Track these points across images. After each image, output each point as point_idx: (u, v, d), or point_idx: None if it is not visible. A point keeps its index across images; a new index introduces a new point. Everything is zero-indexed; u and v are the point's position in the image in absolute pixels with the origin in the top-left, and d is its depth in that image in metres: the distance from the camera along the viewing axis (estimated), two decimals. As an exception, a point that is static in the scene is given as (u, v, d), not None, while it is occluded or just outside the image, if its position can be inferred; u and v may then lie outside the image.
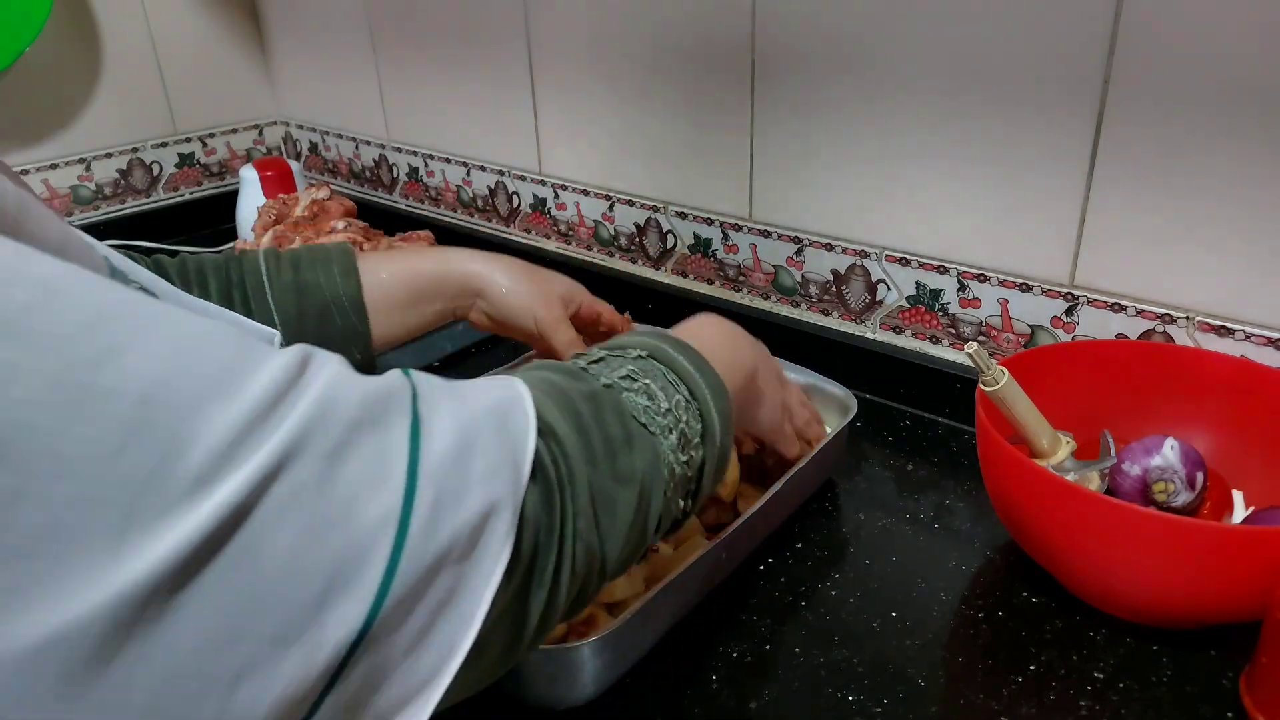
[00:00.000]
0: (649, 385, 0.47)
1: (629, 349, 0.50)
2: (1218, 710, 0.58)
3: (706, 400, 0.50)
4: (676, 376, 0.49)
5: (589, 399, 0.44)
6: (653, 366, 0.49)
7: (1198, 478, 0.67)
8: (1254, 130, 0.70)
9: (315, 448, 0.30)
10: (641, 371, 0.48)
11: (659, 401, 0.47)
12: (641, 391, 0.47)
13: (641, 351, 0.50)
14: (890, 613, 0.67)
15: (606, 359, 0.49)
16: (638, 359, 0.49)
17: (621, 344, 0.51)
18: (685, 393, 0.49)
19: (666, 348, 0.51)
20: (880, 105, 0.88)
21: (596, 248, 1.23)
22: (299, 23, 1.51)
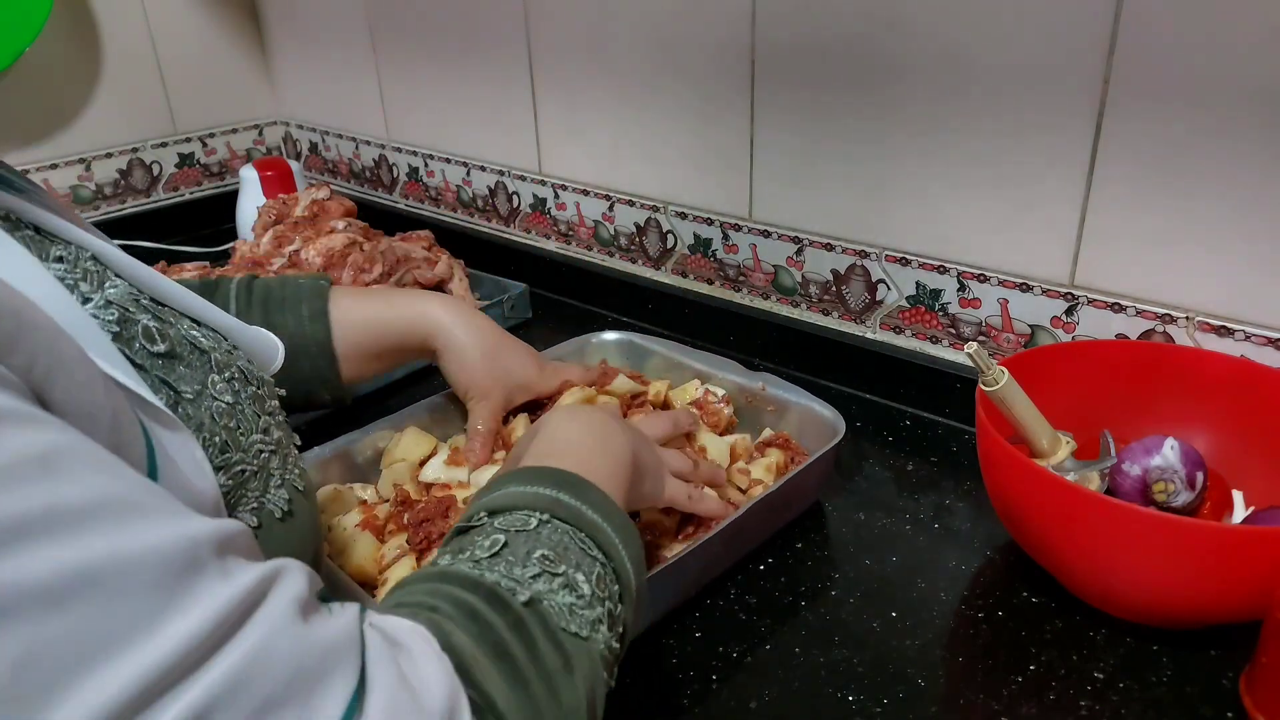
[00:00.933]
0: (569, 575, 0.43)
1: (525, 513, 0.46)
2: (1218, 710, 0.58)
3: (619, 553, 0.47)
4: (586, 537, 0.45)
5: (517, 629, 0.39)
6: (561, 536, 0.45)
7: (1198, 478, 0.67)
8: (1254, 130, 0.70)
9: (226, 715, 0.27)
10: (555, 553, 0.44)
11: (582, 591, 0.43)
12: (564, 587, 0.42)
13: (542, 515, 0.45)
14: (890, 613, 0.67)
15: (509, 542, 0.44)
16: (541, 528, 0.45)
17: (513, 503, 0.46)
18: (600, 555, 0.45)
19: (565, 499, 0.47)
20: (880, 105, 0.88)
21: (596, 248, 1.23)
22: (299, 23, 1.51)
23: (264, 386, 0.52)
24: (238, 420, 0.47)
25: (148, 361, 0.44)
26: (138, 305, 0.45)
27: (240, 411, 0.47)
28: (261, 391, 0.51)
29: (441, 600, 0.40)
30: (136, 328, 0.44)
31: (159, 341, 0.44)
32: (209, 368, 0.47)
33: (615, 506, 0.49)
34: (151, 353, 0.44)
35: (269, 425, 0.50)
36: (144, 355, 0.43)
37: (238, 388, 0.48)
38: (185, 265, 1.13)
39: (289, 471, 0.51)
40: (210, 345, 0.48)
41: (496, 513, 0.46)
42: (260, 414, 0.49)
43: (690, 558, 0.64)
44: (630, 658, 0.64)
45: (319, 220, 1.17)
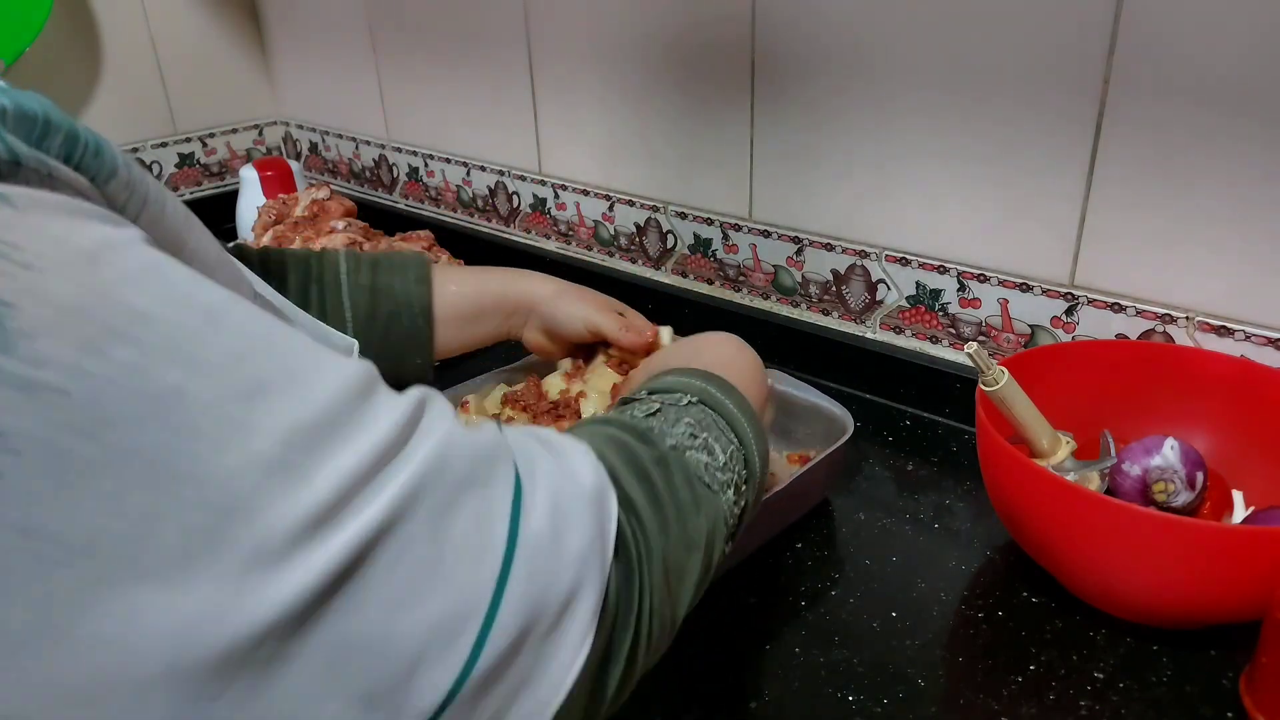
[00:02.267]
0: (708, 441, 0.48)
1: (679, 394, 0.51)
2: (1218, 710, 0.58)
3: (751, 445, 0.51)
4: (727, 424, 0.50)
5: (660, 464, 0.44)
6: (705, 415, 0.50)
7: (1198, 478, 0.67)
8: (1254, 130, 0.70)
9: (427, 503, 0.31)
10: (698, 424, 0.49)
11: (718, 457, 0.48)
12: (702, 448, 0.48)
13: (692, 397, 0.51)
14: (890, 613, 0.67)
15: (663, 409, 0.49)
16: (690, 406, 0.50)
17: (669, 386, 0.52)
18: (735, 441, 0.50)
19: (713, 391, 0.52)
20: (880, 105, 0.88)
21: (596, 248, 1.23)
22: (299, 23, 1.51)
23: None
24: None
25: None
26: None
27: None
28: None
29: (600, 435, 0.45)
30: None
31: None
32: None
33: (752, 410, 0.53)
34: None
35: None
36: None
37: None
38: (185, 265, 1.13)
39: None
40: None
41: (656, 392, 0.51)
42: None
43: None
44: (630, 658, 0.64)
45: (319, 220, 1.17)
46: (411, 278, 0.74)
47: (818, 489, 0.78)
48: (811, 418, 0.81)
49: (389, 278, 0.74)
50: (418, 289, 0.74)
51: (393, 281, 0.74)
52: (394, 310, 0.73)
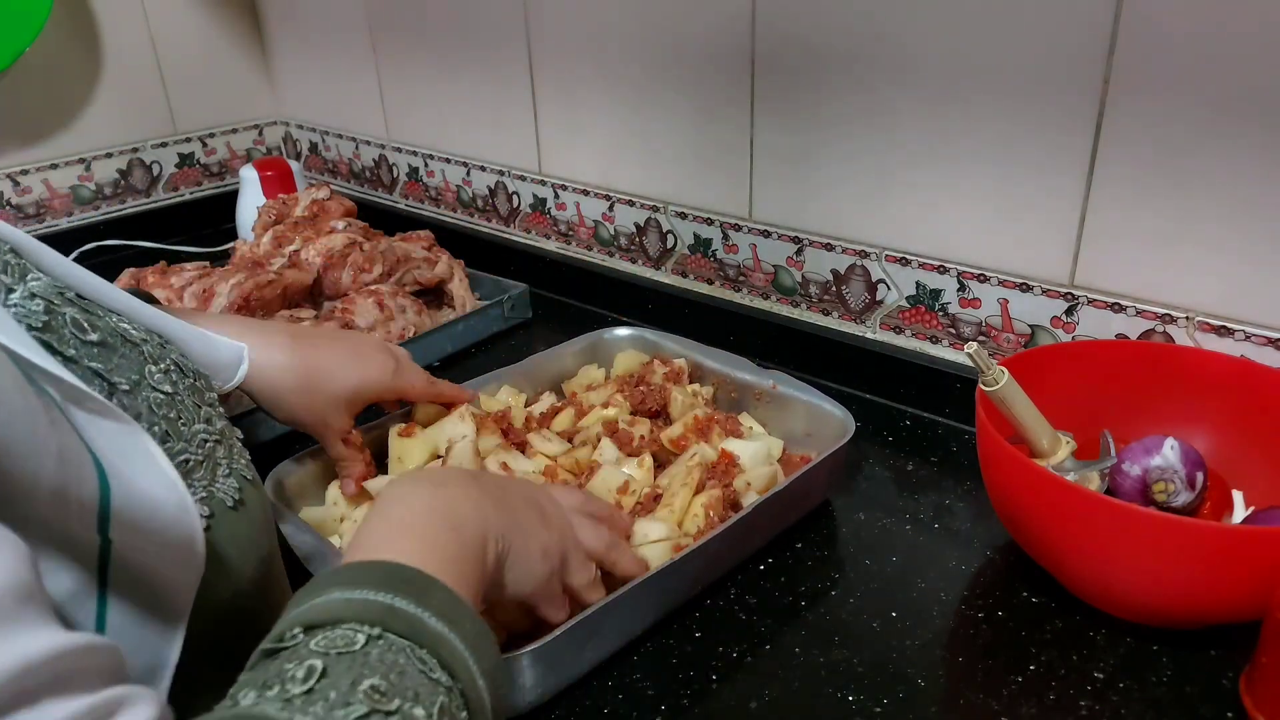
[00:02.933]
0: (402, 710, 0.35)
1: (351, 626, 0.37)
2: (1218, 710, 0.58)
3: (469, 671, 0.39)
4: (428, 654, 0.38)
5: None
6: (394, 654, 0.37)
7: (1198, 478, 0.67)
8: (1254, 130, 0.70)
9: None
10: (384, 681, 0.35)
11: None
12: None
13: (372, 630, 0.37)
14: (890, 613, 0.67)
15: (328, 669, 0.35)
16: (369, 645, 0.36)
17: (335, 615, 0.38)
18: (444, 678, 0.38)
19: (401, 606, 0.38)
20: (880, 105, 0.88)
21: (596, 248, 1.23)
22: (299, 23, 1.51)
23: (201, 379, 0.51)
24: (178, 410, 0.46)
25: (80, 351, 0.43)
26: (63, 298, 0.45)
27: (180, 402, 0.47)
28: (199, 384, 0.50)
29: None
30: (64, 318, 0.44)
31: (89, 331, 0.44)
32: (143, 359, 0.47)
33: (465, 608, 0.41)
34: (84, 341, 0.44)
35: (210, 415, 0.49)
36: (76, 345, 0.43)
37: (175, 379, 0.48)
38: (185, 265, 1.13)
39: (235, 461, 0.50)
40: (141, 338, 0.48)
41: (315, 628, 0.37)
42: (200, 404, 0.49)
43: (694, 557, 0.64)
44: (631, 657, 0.64)
45: (319, 220, 1.17)
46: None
47: (819, 490, 0.78)
48: (812, 419, 0.81)
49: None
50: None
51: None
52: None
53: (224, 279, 1.02)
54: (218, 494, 0.47)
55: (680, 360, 0.89)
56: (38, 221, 1.42)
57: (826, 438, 0.77)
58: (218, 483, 0.47)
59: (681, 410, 0.81)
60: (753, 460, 0.76)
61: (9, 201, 1.39)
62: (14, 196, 1.39)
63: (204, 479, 0.46)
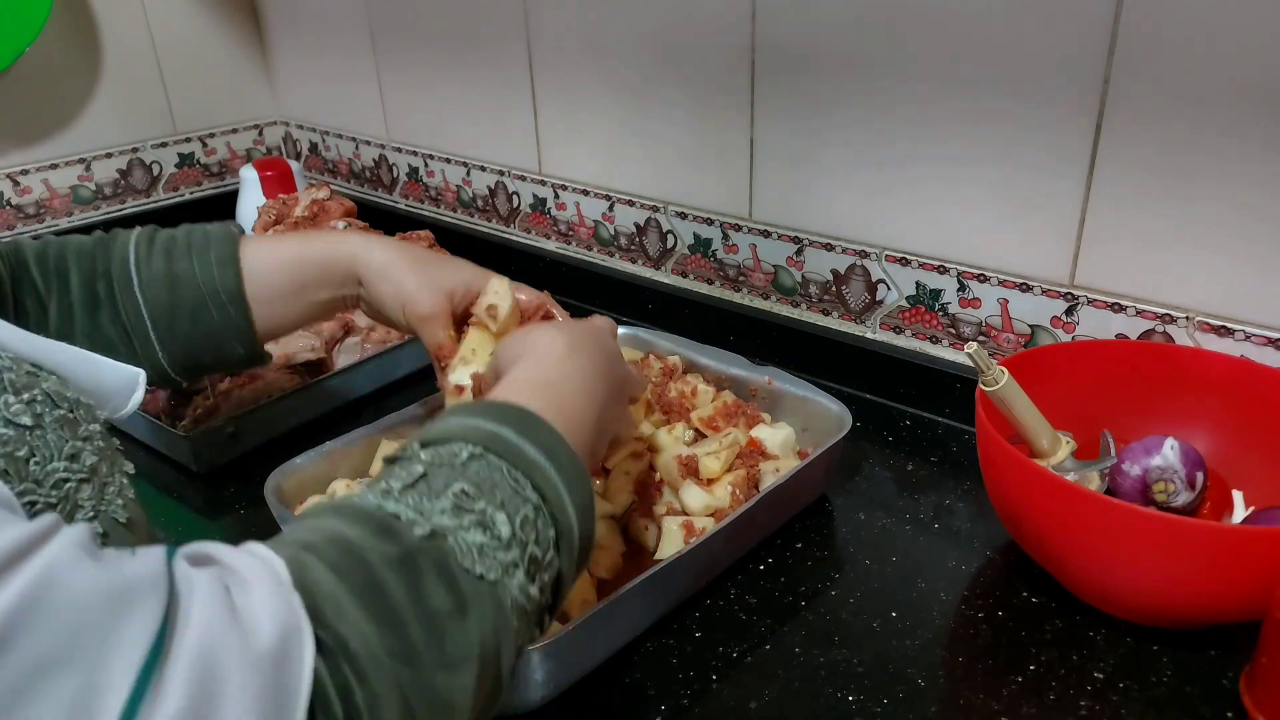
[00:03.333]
0: (486, 511, 0.40)
1: (457, 445, 0.42)
2: (1218, 710, 0.58)
3: (560, 496, 0.43)
4: (521, 475, 0.42)
5: (402, 567, 0.36)
6: (489, 472, 0.41)
7: (1198, 478, 0.67)
8: (1254, 131, 0.70)
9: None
10: (475, 487, 0.40)
11: (500, 530, 0.40)
12: (476, 524, 0.39)
13: (475, 449, 0.42)
14: (890, 613, 0.67)
15: (428, 474, 0.40)
16: (471, 462, 0.41)
17: (447, 434, 0.43)
18: (534, 496, 0.42)
19: (506, 434, 0.43)
20: (880, 105, 0.88)
21: (596, 248, 1.23)
22: (299, 23, 1.51)
23: (79, 409, 0.46)
24: (30, 448, 0.41)
25: None
26: None
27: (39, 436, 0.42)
28: (75, 415, 0.45)
29: (320, 535, 0.36)
30: None
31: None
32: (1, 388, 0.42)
33: (566, 447, 0.45)
34: None
35: (80, 451, 0.44)
36: None
37: (40, 410, 0.43)
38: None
39: (107, 503, 0.45)
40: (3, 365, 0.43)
41: (429, 444, 0.43)
42: (70, 439, 0.44)
43: (696, 551, 0.64)
44: (632, 657, 0.64)
45: (319, 220, 1.17)
46: (214, 259, 0.66)
47: (816, 485, 0.78)
48: (808, 414, 0.81)
49: (187, 262, 0.65)
50: (222, 273, 0.66)
51: (193, 266, 0.65)
52: (198, 300, 0.65)
53: (224, 279, 1.02)
54: None
55: (674, 358, 0.89)
56: (37, 222, 1.42)
57: (823, 433, 0.78)
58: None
59: (705, 397, 0.83)
60: (782, 448, 0.78)
61: (9, 201, 1.39)
62: (14, 196, 1.39)
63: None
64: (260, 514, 0.82)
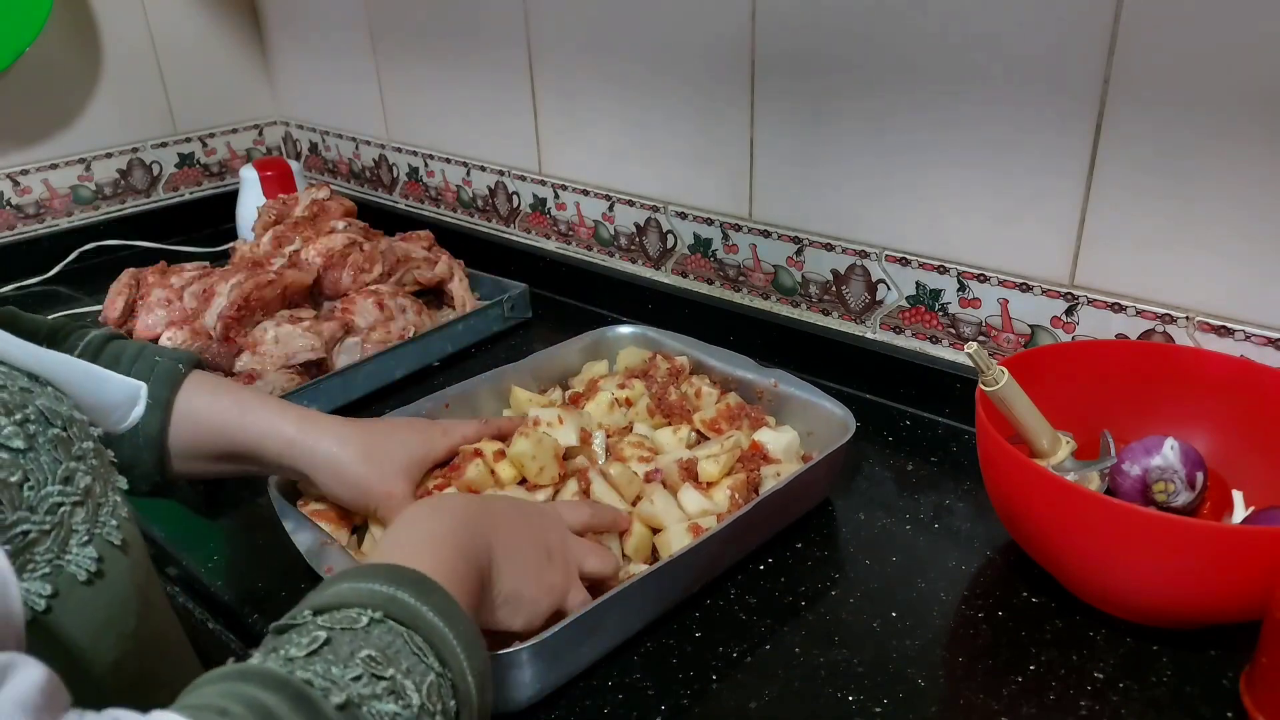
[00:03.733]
0: (396, 680, 0.39)
1: (356, 610, 0.42)
2: (1218, 710, 0.58)
3: (460, 663, 0.43)
4: (422, 641, 0.42)
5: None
6: (392, 637, 0.41)
7: (1198, 478, 0.67)
8: (1254, 131, 0.70)
9: None
10: (382, 655, 0.40)
11: (410, 699, 0.39)
12: (389, 693, 0.39)
13: (374, 613, 0.42)
14: (890, 613, 0.67)
15: (331, 640, 0.40)
16: (372, 627, 0.41)
17: (342, 599, 0.42)
18: (436, 663, 0.42)
19: (404, 597, 0.43)
20: (880, 105, 0.88)
21: (596, 248, 1.23)
22: (299, 23, 1.51)
23: (73, 426, 0.45)
24: (24, 472, 0.40)
25: None
26: None
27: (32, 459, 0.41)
28: (69, 433, 0.44)
29: (235, 702, 0.35)
30: None
31: None
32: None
33: (461, 612, 0.44)
34: None
35: (74, 472, 0.43)
36: None
37: (33, 430, 0.42)
38: (185, 265, 1.13)
39: (101, 525, 0.44)
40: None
41: (322, 611, 0.42)
42: (64, 459, 0.43)
43: (694, 553, 0.64)
44: (631, 657, 0.64)
45: (319, 220, 1.17)
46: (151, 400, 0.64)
47: (818, 489, 0.78)
48: (813, 418, 0.81)
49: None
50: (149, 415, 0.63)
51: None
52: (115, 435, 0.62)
53: (224, 279, 1.02)
54: (68, 568, 0.41)
55: (682, 358, 0.89)
56: (38, 222, 1.42)
57: (827, 437, 0.77)
58: (70, 554, 0.41)
59: (709, 400, 0.83)
60: (786, 452, 0.77)
61: (9, 201, 1.39)
62: (14, 196, 1.39)
63: (50, 552, 0.40)
64: (259, 514, 0.82)
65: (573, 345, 0.93)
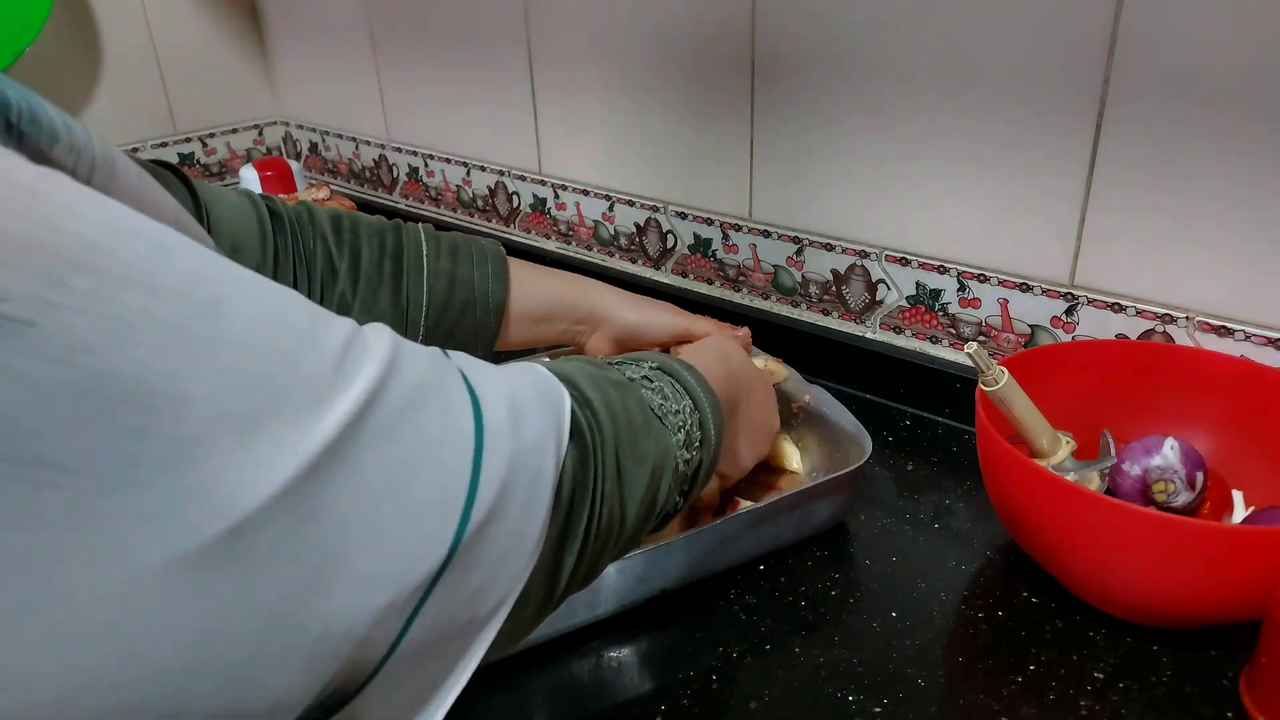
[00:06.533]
0: (663, 387, 0.52)
1: (643, 360, 0.54)
2: (1218, 710, 0.58)
3: (706, 412, 0.54)
4: (683, 389, 0.53)
5: (616, 385, 0.48)
6: (664, 376, 0.53)
7: (1198, 478, 0.67)
8: (1254, 130, 0.70)
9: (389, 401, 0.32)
10: (656, 376, 0.52)
11: (670, 402, 0.51)
12: (657, 391, 0.51)
13: (654, 363, 0.54)
14: (890, 613, 0.67)
15: (626, 362, 0.53)
16: (652, 368, 0.53)
17: (635, 356, 0.55)
18: (689, 402, 0.53)
19: (675, 364, 0.55)
20: (880, 105, 0.88)
21: (596, 248, 1.23)
22: (299, 23, 1.51)
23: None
24: None
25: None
26: None
27: None
28: None
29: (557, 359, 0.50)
30: None
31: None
32: None
33: (712, 392, 0.55)
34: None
35: None
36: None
37: None
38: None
39: None
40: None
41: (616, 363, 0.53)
42: None
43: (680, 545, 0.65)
44: (632, 656, 0.64)
45: (319, 220, 1.17)
46: (491, 272, 0.74)
47: (824, 510, 0.74)
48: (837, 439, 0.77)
49: (469, 269, 0.73)
50: (495, 286, 0.74)
51: (473, 273, 0.73)
52: (468, 301, 0.73)
53: (224, 279, 1.02)
54: None
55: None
56: (38, 221, 1.42)
57: (847, 461, 0.74)
58: None
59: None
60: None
61: (9, 201, 1.39)
62: (14, 196, 1.39)
63: None
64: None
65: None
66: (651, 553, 0.65)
